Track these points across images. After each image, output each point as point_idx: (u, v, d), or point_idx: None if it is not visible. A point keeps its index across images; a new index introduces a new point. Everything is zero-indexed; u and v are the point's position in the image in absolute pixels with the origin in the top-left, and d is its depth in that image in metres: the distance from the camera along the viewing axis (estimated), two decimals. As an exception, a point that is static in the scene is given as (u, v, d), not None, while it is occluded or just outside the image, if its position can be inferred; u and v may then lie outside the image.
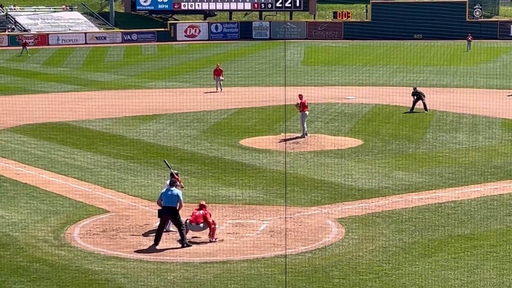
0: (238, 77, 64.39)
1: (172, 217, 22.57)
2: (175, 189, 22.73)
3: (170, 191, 22.61)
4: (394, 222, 24.57)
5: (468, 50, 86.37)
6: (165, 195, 22.60)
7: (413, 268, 20.51)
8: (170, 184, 22.94)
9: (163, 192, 22.77)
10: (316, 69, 70.97)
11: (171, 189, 22.68)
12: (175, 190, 22.68)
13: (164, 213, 22.53)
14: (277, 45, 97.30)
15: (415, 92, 46.11)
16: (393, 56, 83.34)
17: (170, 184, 22.91)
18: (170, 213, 22.47)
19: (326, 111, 46.96)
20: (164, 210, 22.50)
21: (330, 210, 26.01)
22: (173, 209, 22.41)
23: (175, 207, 22.41)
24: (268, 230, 23.83)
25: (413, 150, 35.66)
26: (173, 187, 22.76)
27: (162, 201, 22.55)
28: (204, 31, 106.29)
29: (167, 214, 22.52)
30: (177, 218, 22.50)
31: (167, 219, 22.70)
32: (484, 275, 19.95)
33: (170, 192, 22.59)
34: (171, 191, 22.62)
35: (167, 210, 22.44)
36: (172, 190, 22.64)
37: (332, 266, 20.77)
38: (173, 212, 22.44)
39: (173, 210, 22.41)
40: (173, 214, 22.47)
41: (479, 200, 27.10)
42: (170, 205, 22.41)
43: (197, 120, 43.68)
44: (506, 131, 40.16)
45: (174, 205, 22.40)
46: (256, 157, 34.25)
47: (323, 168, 32.01)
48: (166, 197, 22.52)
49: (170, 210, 22.42)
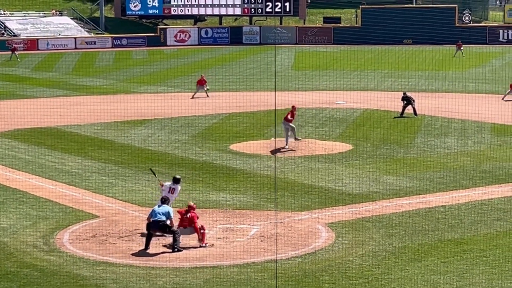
0: (228, 82, 64.42)
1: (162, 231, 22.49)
2: (166, 206, 22.70)
3: (162, 207, 22.58)
4: (384, 226, 24.60)
5: (456, 56, 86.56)
6: (155, 212, 22.54)
7: (403, 273, 20.54)
8: (162, 201, 22.88)
9: (154, 209, 22.71)
10: (306, 74, 71.05)
11: (162, 206, 22.65)
12: (166, 207, 22.66)
13: (152, 227, 22.47)
14: (267, 50, 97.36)
15: (405, 97, 46.21)
16: (383, 61, 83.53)
17: (162, 202, 22.85)
18: (158, 228, 22.40)
19: (316, 116, 47.00)
20: (152, 224, 22.43)
21: (320, 215, 26.02)
22: (163, 224, 22.36)
23: (165, 222, 22.36)
24: (258, 235, 23.82)
25: (403, 155, 35.73)
26: (164, 204, 22.73)
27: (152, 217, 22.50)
28: (194, 36, 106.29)
29: (156, 228, 22.45)
30: (170, 231, 22.45)
31: (155, 231, 22.61)
32: (473, 280, 19.99)
33: (162, 209, 22.55)
34: (162, 207, 22.60)
35: (155, 224, 22.37)
36: (163, 207, 22.63)
37: (322, 271, 20.77)
38: (163, 228, 22.38)
39: (163, 226, 22.37)
40: (163, 229, 22.41)
41: (469, 204, 27.16)
42: (159, 220, 22.35)
43: (187, 125, 43.66)
44: (495, 136, 40.27)
45: (164, 221, 22.36)
46: (246, 162, 34.26)
47: (313, 173, 32.03)
48: (156, 214, 22.45)
49: (157, 224, 22.35)
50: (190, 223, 22.74)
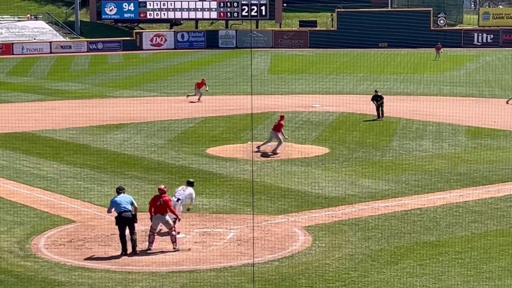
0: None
1: (131, 222, 22.54)
2: (126, 195, 22.93)
3: (123, 196, 22.74)
4: (360, 229, 24.67)
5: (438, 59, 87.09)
6: (118, 202, 22.62)
7: (380, 276, 20.59)
8: (118, 190, 23.03)
9: (115, 200, 22.76)
10: (282, 77, 71.14)
11: (121, 195, 22.81)
12: (127, 196, 22.92)
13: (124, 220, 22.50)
14: (243, 53, 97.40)
15: (376, 96, 46.13)
16: (359, 65, 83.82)
17: (118, 191, 23.00)
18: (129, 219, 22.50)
19: (292, 119, 47.04)
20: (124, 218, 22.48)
21: (297, 218, 26.05)
22: (133, 215, 22.54)
23: (132, 211, 22.53)
24: (235, 239, 23.80)
25: (379, 158, 35.85)
26: (121, 192, 22.92)
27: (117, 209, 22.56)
28: (170, 40, 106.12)
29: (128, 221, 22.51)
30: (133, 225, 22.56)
31: (125, 225, 22.65)
32: (450, 282, 20.08)
33: (124, 198, 22.69)
34: (123, 196, 22.78)
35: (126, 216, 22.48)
36: (124, 196, 22.82)
37: (299, 274, 20.79)
38: (133, 218, 22.51)
39: (133, 216, 22.53)
40: (132, 220, 22.50)
41: (445, 207, 27.30)
42: (127, 210, 22.50)
43: (164, 129, 43.57)
44: (470, 138, 40.52)
45: (131, 211, 22.52)
46: (223, 165, 34.23)
47: (290, 176, 32.06)
48: (121, 205, 22.52)
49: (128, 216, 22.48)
50: (166, 208, 22.63)
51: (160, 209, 22.68)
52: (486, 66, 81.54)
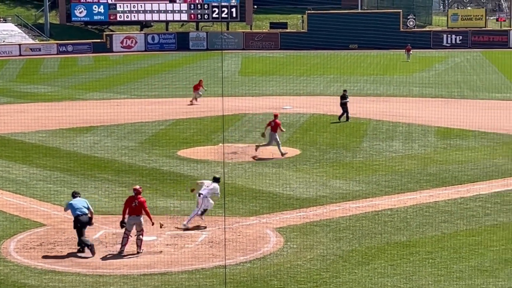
0: (175, 88, 64.23)
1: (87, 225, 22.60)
2: (81, 198, 23.05)
3: (79, 200, 22.87)
4: (332, 230, 24.74)
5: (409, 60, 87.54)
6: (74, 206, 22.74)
7: (351, 276, 20.67)
8: (73, 195, 23.17)
9: (71, 203, 22.88)
10: (253, 79, 71.15)
11: (77, 198, 22.92)
12: (83, 199, 23.03)
13: (81, 223, 22.59)
14: (214, 55, 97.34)
15: (344, 96, 46.14)
16: (329, 66, 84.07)
17: (73, 195, 23.13)
18: (86, 222, 22.61)
19: (263, 121, 46.98)
20: (81, 221, 22.60)
21: (268, 219, 26.07)
22: (89, 218, 22.69)
23: (88, 215, 22.67)
24: (207, 241, 23.78)
25: (350, 159, 35.98)
26: (77, 196, 23.04)
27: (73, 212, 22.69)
28: (140, 42, 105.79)
29: (85, 224, 22.64)
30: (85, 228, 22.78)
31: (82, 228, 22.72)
32: (420, 282, 20.20)
33: (81, 202, 22.84)
34: (79, 200, 22.89)
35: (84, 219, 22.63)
36: (79, 199, 22.92)
37: (271, 275, 20.80)
38: (89, 221, 22.66)
39: (89, 219, 22.69)
40: (88, 223, 22.64)
41: (415, 207, 27.45)
42: (85, 213, 22.65)
43: (134, 132, 43.42)
44: (440, 139, 40.78)
45: (87, 214, 22.67)
46: (194, 167, 34.17)
47: (261, 178, 32.08)
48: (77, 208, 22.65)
49: (85, 219, 22.63)
50: (141, 210, 22.56)
51: (135, 210, 22.60)
52: (455, 67, 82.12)
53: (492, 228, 24.83)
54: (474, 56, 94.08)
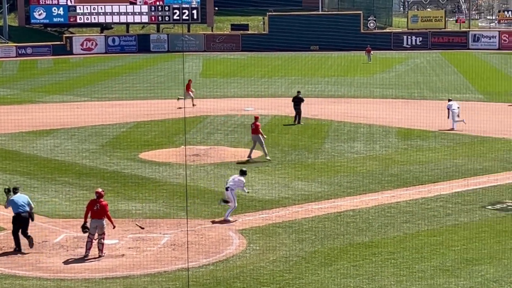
0: (137, 90, 63.94)
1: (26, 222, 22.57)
2: (23, 195, 23.15)
3: (20, 196, 22.88)
4: (295, 232, 24.77)
5: (370, 61, 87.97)
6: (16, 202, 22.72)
7: (314, 277, 20.70)
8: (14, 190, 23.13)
9: (13, 199, 22.83)
10: (214, 81, 71.08)
11: (19, 194, 22.96)
12: (24, 196, 23.10)
13: (21, 220, 22.61)
14: (175, 57, 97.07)
15: (297, 98, 46.06)
16: (291, 68, 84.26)
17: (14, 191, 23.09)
18: (26, 220, 22.61)
19: (225, 123, 47.06)
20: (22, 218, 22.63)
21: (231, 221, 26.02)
22: (29, 214, 22.68)
23: (29, 212, 22.69)
24: (169, 244, 23.68)
25: (312, 160, 36.06)
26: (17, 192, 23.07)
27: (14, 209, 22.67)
28: (101, 44, 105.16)
29: (25, 221, 22.65)
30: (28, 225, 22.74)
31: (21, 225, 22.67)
32: (383, 282, 20.29)
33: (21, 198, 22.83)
34: (20, 196, 22.92)
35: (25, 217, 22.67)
36: (20, 196, 22.97)
37: (234, 277, 20.77)
38: (29, 218, 22.63)
39: (29, 215, 22.66)
40: (28, 220, 22.62)
41: (377, 208, 27.58)
42: (25, 211, 22.65)
43: (95, 134, 43.14)
44: (401, 140, 41.03)
45: (28, 211, 22.71)
46: (156, 170, 34.04)
47: (223, 180, 31.93)
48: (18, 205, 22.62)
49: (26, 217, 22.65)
50: (103, 213, 22.40)
51: (97, 213, 22.44)
52: (416, 68, 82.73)
53: (453, 228, 25.04)
54: (434, 57, 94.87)
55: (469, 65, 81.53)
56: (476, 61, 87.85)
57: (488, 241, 23.58)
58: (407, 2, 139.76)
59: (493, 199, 28.52)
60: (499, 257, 22.11)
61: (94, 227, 22.38)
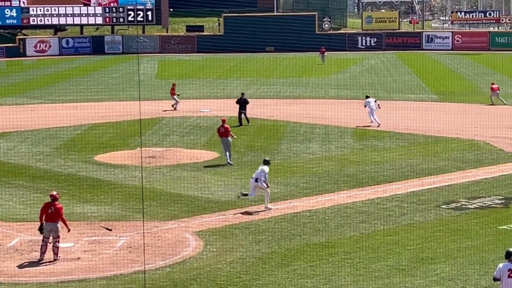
0: (91, 92, 63.50)
1: None
2: None
3: None
4: (251, 233, 24.77)
5: (323, 63, 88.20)
6: None
7: (271, 278, 20.71)
8: None
9: None
10: (170, 83, 70.52)
11: None
12: None
13: None
14: (130, 59, 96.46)
15: (241, 100, 46.01)
16: (246, 69, 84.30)
17: None
18: None
19: (181, 124, 46.93)
20: None
21: (188, 223, 25.96)
22: None
23: None
24: (126, 246, 23.54)
25: (268, 161, 36.02)
26: None
27: None
28: (54, 46, 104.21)
29: None
30: None
31: None
32: (340, 282, 20.37)
33: None
34: None
35: None
36: None
37: (191, 279, 20.71)
38: None
39: None
40: None
41: (334, 208, 27.69)
42: None
43: (50, 137, 42.73)
44: (356, 140, 41.27)
45: None
46: (111, 172, 33.81)
47: (180, 181, 31.93)
48: None
49: None
50: (57, 216, 22.17)
51: (51, 217, 22.22)
52: (370, 69, 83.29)
53: (408, 227, 25.23)
54: (388, 57, 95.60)
55: (423, 66, 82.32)
56: (430, 62, 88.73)
57: (443, 240, 23.81)
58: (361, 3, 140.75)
59: (448, 198, 28.80)
60: (454, 255, 22.33)
61: (49, 230, 22.16)
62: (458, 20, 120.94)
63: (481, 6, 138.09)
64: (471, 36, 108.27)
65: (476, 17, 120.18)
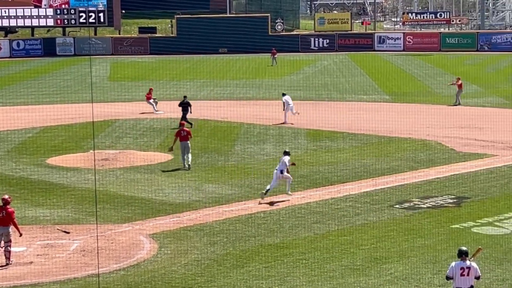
0: (43, 95, 62.90)
1: None
2: None
3: None
4: (206, 234, 24.73)
5: (274, 64, 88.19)
6: None
7: (226, 280, 20.70)
8: None
9: None
10: (123, 84, 70.43)
11: None
12: None
13: None
14: (82, 61, 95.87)
15: (184, 103, 45.91)
16: (200, 70, 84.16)
17: None
18: None
19: (134, 126, 46.69)
20: None
21: (142, 226, 25.83)
22: None
23: None
24: (79, 250, 23.35)
25: (223, 163, 36.07)
26: None
27: None
28: (5, 48, 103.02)
29: None
30: None
31: None
32: (295, 283, 20.42)
33: None
34: None
35: None
36: None
37: (146, 282, 20.61)
38: None
39: None
40: None
41: (288, 209, 27.76)
42: None
43: (1, 140, 42.22)
44: (310, 141, 41.42)
45: None
46: (64, 175, 33.52)
47: (133, 184, 31.76)
48: None
49: None
50: (9, 220, 21.91)
51: (3, 220, 21.96)
52: (323, 70, 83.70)
53: (362, 227, 25.39)
54: (341, 59, 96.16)
55: (375, 67, 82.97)
56: (382, 63, 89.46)
57: (397, 239, 24.00)
58: (313, 5, 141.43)
59: (401, 198, 29.04)
60: (407, 255, 22.52)
61: (0, 234, 21.89)
62: (409, 21, 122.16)
63: (432, 7, 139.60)
64: (422, 37, 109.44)
65: (427, 18, 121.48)
